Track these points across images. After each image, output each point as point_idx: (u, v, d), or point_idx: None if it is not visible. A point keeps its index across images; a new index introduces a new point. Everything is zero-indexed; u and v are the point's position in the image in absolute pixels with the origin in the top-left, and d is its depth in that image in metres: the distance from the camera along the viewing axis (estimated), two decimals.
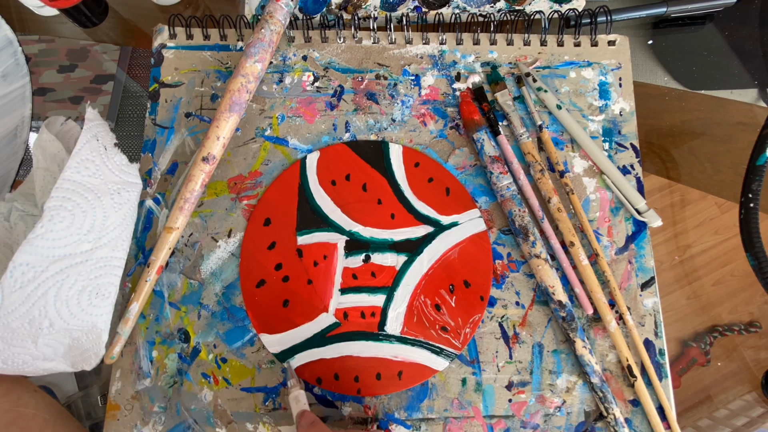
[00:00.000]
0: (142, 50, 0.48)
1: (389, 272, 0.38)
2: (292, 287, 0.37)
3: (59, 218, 0.31)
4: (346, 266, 0.38)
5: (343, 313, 0.37)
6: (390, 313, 0.37)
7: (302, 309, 0.37)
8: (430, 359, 0.36)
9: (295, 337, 0.37)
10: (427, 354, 0.36)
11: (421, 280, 0.38)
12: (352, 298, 0.37)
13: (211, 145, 0.37)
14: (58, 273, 0.32)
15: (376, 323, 0.37)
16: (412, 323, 0.37)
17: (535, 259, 0.37)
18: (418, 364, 0.36)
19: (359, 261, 0.38)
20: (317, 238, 0.38)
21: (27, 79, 0.44)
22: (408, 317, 0.37)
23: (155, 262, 0.36)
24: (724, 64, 0.48)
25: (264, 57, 0.38)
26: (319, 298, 0.37)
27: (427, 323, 0.37)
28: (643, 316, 0.37)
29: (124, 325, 0.36)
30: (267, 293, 0.37)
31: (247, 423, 0.35)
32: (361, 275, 0.38)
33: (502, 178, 0.38)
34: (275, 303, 0.37)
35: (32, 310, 0.31)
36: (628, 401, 0.36)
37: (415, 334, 0.37)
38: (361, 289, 0.37)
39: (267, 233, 0.38)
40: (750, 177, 0.38)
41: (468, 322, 0.37)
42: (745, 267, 0.38)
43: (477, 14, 0.45)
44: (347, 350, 0.36)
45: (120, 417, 0.35)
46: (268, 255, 0.38)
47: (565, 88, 0.42)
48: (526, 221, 0.37)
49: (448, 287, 0.38)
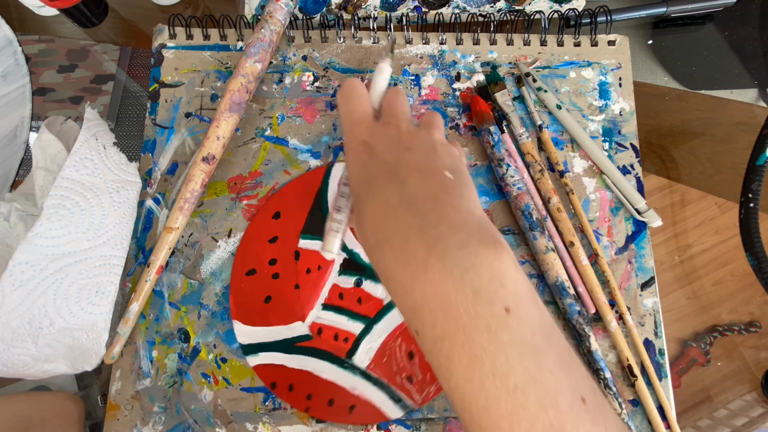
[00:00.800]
0: (142, 50, 0.48)
1: (376, 304, 0.37)
2: (279, 286, 0.37)
3: (58, 217, 0.31)
4: (337, 284, 0.37)
5: (317, 329, 0.37)
6: (363, 344, 0.36)
7: (281, 311, 0.37)
8: (386, 404, 0.35)
9: (266, 336, 0.36)
10: (384, 398, 0.35)
11: (404, 323, 0.37)
12: (331, 317, 0.37)
13: (211, 145, 0.37)
14: (58, 271, 0.32)
15: (346, 349, 0.36)
16: (381, 362, 0.36)
17: (551, 254, 0.36)
18: (372, 404, 0.35)
19: (351, 282, 0.37)
20: (318, 246, 0.38)
21: (27, 79, 0.44)
22: (379, 355, 0.36)
23: (155, 262, 0.36)
24: (724, 64, 0.48)
25: (264, 57, 0.38)
26: (301, 306, 0.37)
27: (396, 367, 0.36)
28: (643, 316, 0.37)
29: (124, 325, 0.36)
30: (254, 283, 0.37)
31: (247, 423, 0.35)
32: (348, 297, 0.37)
33: (517, 172, 0.38)
34: (258, 296, 0.37)
35: (32, 309, 0.31)
36: (628, 401, 0.36)
37: (380, 373, 0.36)
38: (343, 311, 0.37)
39: (273, 226, 0.38)
40: (750, 177, 0.38)
41: (435, 382, 0.36)
42: (745, 267, 0.38)
43: (477, 14, 0.45)
44: (310, 366, 0.36)
45: (120, 417, 0.35)
46: (267, 247, 0.38)
47: (565, 88, 0.42)
48: (544, 214, 0.37)
49: None
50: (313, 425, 0.35)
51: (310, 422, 0.35)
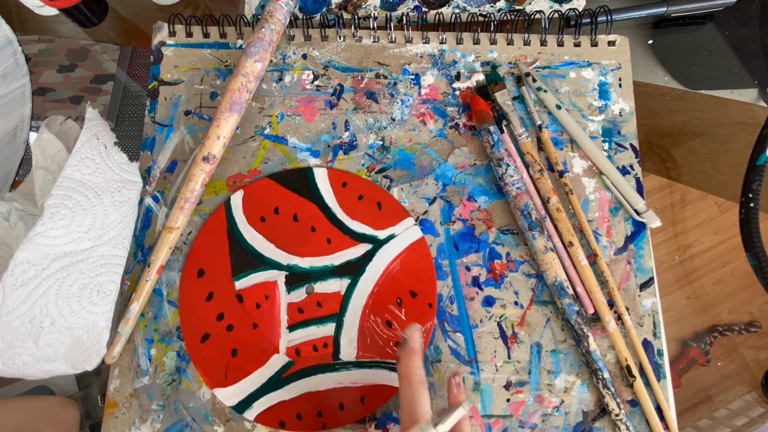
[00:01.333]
0: (142, 50, 0.48)
1: (335, 299, 0.37)
2: (238, 335, 0.36)
3: (60, 216, 0.31)
4: (290, 301, 0.37)
5: (295, 350, 0.36)
6: (342, 340, 0.36)
7: (252, 355, 0.36)
8: (389, 378, 0.36)
9: (250, 386, 0.36)
10: (386, 373, 0.36)
11: (368, 300, 0.37)
12: (301, 333, 0.36)
13: (212, 145, 0.37)
14: (59, 271, 0.32)
15: (330, 354, 0.36)
16: (366, 345, 0.36)
17: (550, 253, 0.36)
18: (378, 385, 0.35)
19: (302, 294, 0.37)
20: (255, 279, 0.37)
21: (27, 78, 0.44)
22: (361, 340, 0.36)
23: (156, 261, 0.36)
24: (724, 64, 0.48)
25: (264, 56, 0.38)
26: (268, 341, 0.36)
27: (381, 342, 0.36)
28: (642, 317, 0.37)
29: (125, 325, 0.36)
30: (213, 347, 0.36)
31: (246, 422, 0.35)
32: (307, 308, 0.37)
33: (516, 172, 0.38)
34: (223, 355, 0.36)
35: (33, 309, 0.31)
36: (627, 401, 0.36)
37: (370, 356, 0.36)
38: (309, 322, 0.37)
39: (203, 284, 0.37)
40: (750, 177, 0.37)
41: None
42: (745, 267, 0.38)
43: (477, 14, 0.45)
44: (306, 387, 0.36)
45: (118, 415, 0.35)
46: (207, 307, 0.37)
47: (564, 88, 0.41)
48: (543, 214, 0.37)
49: (395, 301, 0.37)
50: None
51: None
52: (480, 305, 0.37)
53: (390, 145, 0.40)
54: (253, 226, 0.38)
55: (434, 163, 0.40)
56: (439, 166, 0.40)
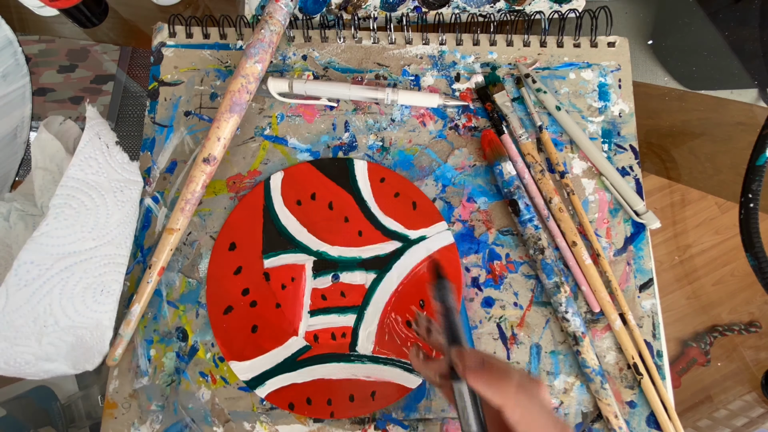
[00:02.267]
0: (142, 50, 0.48)
1: (359, 291, 0.37)
2: (260, 312, 0.37)
3: (64, 216, 0.31)
4: (315, 287, 0.37)
5: (313, 336, 0.36)
6: (361, 332, 0.37)
7: (271, 334, 0.36)
8: (402, 377, 0.36)
9: (266, 363, 0.36)
10: (399, 372, 0.36)
11: (392, 297, 0.37)
12: (322, 320, 0.37)
13: (212, 146, 0.37)
14: (63, 270, 0.32)
15: (347, 344, 0.36)
16: (384, 342, 0.36)
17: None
18: (391, 383, 0.36)
19: (328, 281, 0.37)
20: (284, 260, 0.38)
21: (27, 79, 0.44)
22: (379, 336, 0.36)
23: (157, 263, 0.36)
24: (724, 64, 0.48)
25: (264, 57, 0.38)
26: (289, 322, 0.37)
27: (399, 341, 0.36)
28: (641, 318, 0.37)
29: (126, 327, 0.36)
30: (235, 320, 0.36)
31: (245, 422, 0.35)
32: (330, 295, 0.37)
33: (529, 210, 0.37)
34: (244, 329, 0.36)
35: (37, 308, 0.31)
36: (626, 402, 0.36)
37: (387, 352, 0.36)
38: (330, 310, 0.37)
39: (232, 258, 0.37)
40: (750, 177, 0.37)
41: None
42: (745, 267, 0.38)
43: (477, 14, 0.45)
44: (319, 373, 0.36)
45: (117, 415, 0.35)
46: (234, 280, 0.37)
47: (564, 90, 0.41)
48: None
49: (418, 303, 0.37)
50: (310, 425, 0.35)
51: (307, 422, 0.36)
52: (479, 306, 0.37)
53: (390, 145, 0.40)
54: (289, 208, 0.38)
55: (434, 164, 0.40)
56: (438, 167, 0.40)
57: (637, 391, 0.36)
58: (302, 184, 0.39)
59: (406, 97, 0.40)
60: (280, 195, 0.39)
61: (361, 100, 0.41)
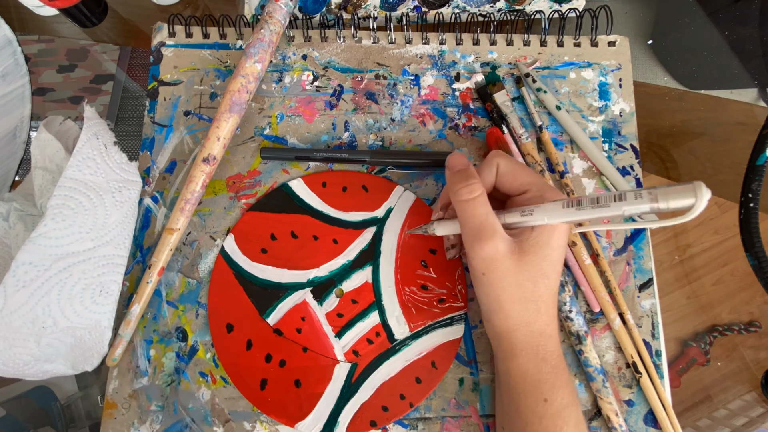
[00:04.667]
0: (141, 50, 0.48)
1: (366, 289, 0.37)
2: (293, 366, 0.36)
3: (62, 217, 0.31)
4: (327, 311, 0.37)
5: (352, 352, 0.36)
6: (391, 322, 0.37)
7: (315, 377, 0.36)
8: (447, 334, 0.36)
9: (328, 405, 0.35)
10: (442, 332, 0.36)
11: (396, 275, 0.37)
12: (351, 335, 0.36)
13: (212, 146, 0.37)
14: (62, 271, 0.32)
15: (386, 339, 0.36)
16: (413, 316, 0.37)
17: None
18: (441, 345, 0.36)
19: (334, 299, 0.37)
20: (284, 308, 0.37)
21: (26, 79, 0.44)
22: (407, 314, 0.37)
23: (157, 263, 0.36)
24: (724, 64, 0.48)
25: (264, 57, 0.38)
26: (324, 356, 0.36)
27: (425, 306, 0.37)
28: (641, 318, 0.37)
29: (126, 327, 0.36)
30: (275, 388, 0.36)
31: (245, 422, 0.35)
32: (344, 310, 0.37)
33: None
34: (288, 391, 0.36)
35: (35, 309, 0.31)
36: (624, 401, 0.36)
37: (422, 323, 0.37)
38: (353, 322, 0.37)
39: (236, 338, 0.37)
40: (750, 177, 0.37)
41: (455, 280, 0.37)
42: (745, 267, 0.38)
43: (477, 14, 0.45)
44: (378, 380, 0.36)
45: (117, 415, 0.35)
46: (252, 356, 0.36)
47: (564, 89, 0.41)
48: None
49: (420, 265, 0.38)
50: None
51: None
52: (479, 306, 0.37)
53: (390, 145, 0.40)
54: (258, 261, 0.38)
55: None
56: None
57: (635, 390, 0.36)
58: (256, 233, 0.38)
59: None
60: (241, 255, 0.38)
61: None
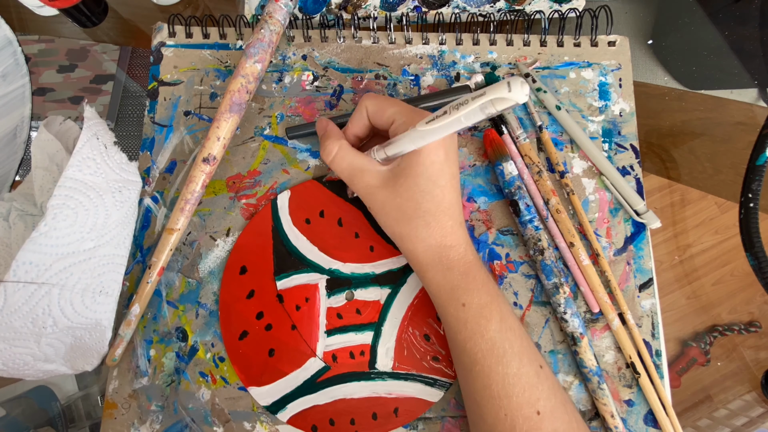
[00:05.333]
0: (141, 50, 0.48)
1: (374, 307, 0.37)
2: (276, 335, 0.36)
3: (62, 216, 0.31)
4: (330, 306, 0.37)
5: (331, 356, 0.36)
6: (379, 349, 0.36)
7: (289, 356, 0.36)
8: (424, 392, 0.35)
9: (285, 387, 0.35)
10: (421, 387, 0.35)
11: (408, 311, 0.37)
12: (339, 339, 0.36)
13: (212, 146, 0.37)
14: (62, 271, 0.32)
15: (367, 362, 0.36)
16: (403, 357, 0.36)
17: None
18: (413, 398, 0.35)
19: (342, 299, 0.37)
20: (297, 280, 0.37)
21: (26, 79, 0.44)
22: (398, 351, 0.36)
23: (157, 263, 0.36)
24: (724, 64, 0.48)
25: (264, 57, 0.38)
26: (306, 343, 0.36)
27: (418, 355, 0.36)
28: (641, 318, 0.37)
29: (126, 327, 0.36)
30: (251, 344, 0.36)
31: (245, 422, 0.35)
32: (346, 313, 0.37)
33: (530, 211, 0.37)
34: (260, 354, 0.36)
35: (36, 309, 0.31)
36: (624, 401, 0.36)
37: (407, 368, 0.36)
38: (347, 328, 0.36)
39: (244, 282, 0.37)
40: (750, 177, 0.37)
41: None
42: (745, 267, 0.38)
43: (477, 14, 0.45)
44: (340, 393, 0.35)
45: (117, 416, 0.35)
46: (247, 304, 0.37)
47: (564, 89, 0.41)
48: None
49: (434, 315, 0.37)
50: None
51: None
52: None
53: None
54: (298, 227, 0.38)
55: None
56: None
57: (635, 390, 0.36)
58: (310, 203, 0.39)
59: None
60: (288, 215, 0.38)
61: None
